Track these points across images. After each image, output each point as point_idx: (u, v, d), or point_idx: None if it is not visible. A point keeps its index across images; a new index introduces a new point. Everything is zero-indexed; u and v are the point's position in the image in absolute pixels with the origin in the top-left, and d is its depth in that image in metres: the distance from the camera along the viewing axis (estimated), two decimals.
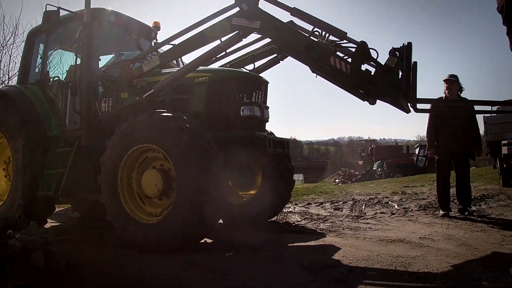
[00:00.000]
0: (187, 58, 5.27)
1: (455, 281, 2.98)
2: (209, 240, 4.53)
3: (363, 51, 4.07)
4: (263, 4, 4.30)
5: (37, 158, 5.02)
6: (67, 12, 5.38)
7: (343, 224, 5.46)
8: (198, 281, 3.16)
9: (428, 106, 5.15)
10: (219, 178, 3.96)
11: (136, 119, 4.25)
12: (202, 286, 3.07)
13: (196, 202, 3.82)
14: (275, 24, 4.27)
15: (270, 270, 3.37)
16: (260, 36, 5.06)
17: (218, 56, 5.32)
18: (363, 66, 4.11)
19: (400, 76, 4.01)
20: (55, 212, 6.16)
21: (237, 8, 4.28)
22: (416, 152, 24.64)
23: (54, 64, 5.70)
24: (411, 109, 4.13)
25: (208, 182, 3.84)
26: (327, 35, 4.44)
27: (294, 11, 4.39)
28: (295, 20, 4.76)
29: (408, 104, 4.08)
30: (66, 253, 3.53)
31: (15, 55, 12.04)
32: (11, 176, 5.26)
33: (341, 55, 4.22)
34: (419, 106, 4.20)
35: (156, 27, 5.99)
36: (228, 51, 5.38)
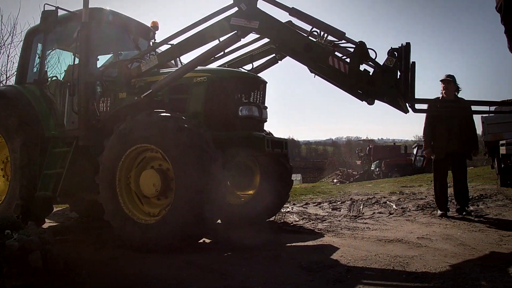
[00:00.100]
0: (186, 58, 5.28)
1: (453, 281, 2.99)
2: (207, 240, 4.53)
3: (361, 51, 4.08)
4: (262, 4, 4.32)
5: (35, 158, 5.01)
6: (65, 11, 5.36)
7: (341, 224, 5.46)
8: (196, 281, 3.16)
9: (426, 106, 5.16)
10: (217, 178, 3.96)
11: (134, 119, 4.24)
12: (200, 286, 3.06)
13: (195, 202, 3.81)
14: (273, 24, 4.27)
15: (268, 270, 3.38)
16: (258, 36, 5.06)
17: (216, 56, 5.31)
18: (362, 66, 4.12)
19: (398, 76, 4.03)
20: (53, 212, 6.16)
21: (235, 8, 4.28)
22: (414, 152, 24.64)
23: (52, 64, 5.70)
24: (410, 109, 4.14)
25: (206, 182, 3.83)
26: (326, 35, 4.46)
27: (292, 11, 4.40)
28: (294, 20, 4.77)
29: (407, 104, 4.09)
30: (64, 253, 3.52)
31: (13, 55, 12.11)
32: (9, 176, 5.24)
33: (339, 55, 4.24)
34: (418, 106, 4.22)
35: (155, 27, 5.98)
36: (226, 51, 5.36)
